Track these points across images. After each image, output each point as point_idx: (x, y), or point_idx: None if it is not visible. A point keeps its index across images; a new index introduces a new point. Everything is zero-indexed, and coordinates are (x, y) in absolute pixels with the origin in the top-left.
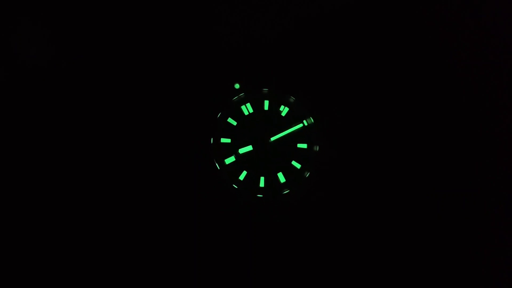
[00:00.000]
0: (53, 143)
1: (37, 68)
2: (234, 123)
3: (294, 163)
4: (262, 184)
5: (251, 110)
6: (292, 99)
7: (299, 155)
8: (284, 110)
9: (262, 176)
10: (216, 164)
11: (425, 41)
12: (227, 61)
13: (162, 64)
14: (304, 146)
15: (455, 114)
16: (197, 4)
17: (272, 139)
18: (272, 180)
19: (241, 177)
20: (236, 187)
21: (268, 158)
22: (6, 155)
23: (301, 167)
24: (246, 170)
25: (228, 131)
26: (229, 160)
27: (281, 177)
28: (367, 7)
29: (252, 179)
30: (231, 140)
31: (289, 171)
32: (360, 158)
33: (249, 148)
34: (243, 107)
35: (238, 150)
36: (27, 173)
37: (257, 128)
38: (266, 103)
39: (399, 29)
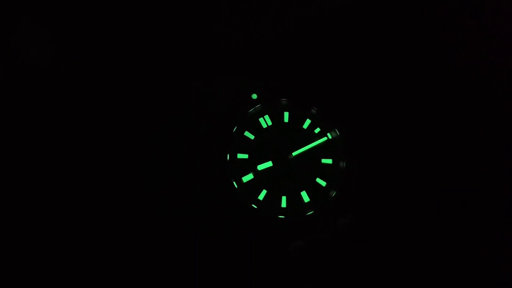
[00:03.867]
0: (53, 142)
1: (37, 68)
2: (252, 137)
3: (319, 180)
4: (284, 204)
5: (270, 123)
6: (314, 110)
7: (324, 172)
8: (306, 122)
9: (283, 195)
10: (234, 183)
11: (425, 41)
12: (240, 67)
13: (166, 66)
14: (329, 161)
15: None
16: (197, 4)
17: (294, 154)
18: (295, 199)
19: (261, 197)
20: (255, 207)
21: (290, 176)
22: (6, 155)
23: (326, 185)
24: (266, 189)
25: (245, 146)
26: (247, 177)
27: (305, 196)
28: (367, 7)
29: (272, 198)
30: (249, 156)
31: (313, 190)
32: (392, 173)
33: (268, 164)
34: (261, 120)
35: (256, 167)
36: (27, 172)
37: (277, 142)
38: (286, 114)
39: (399, 29)
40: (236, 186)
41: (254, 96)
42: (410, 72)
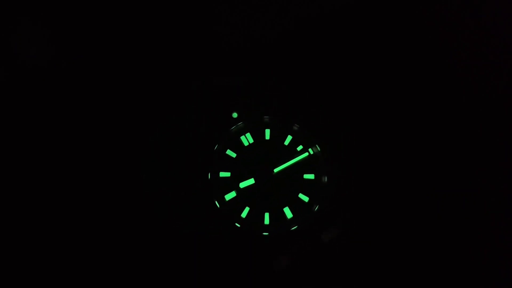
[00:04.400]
0: (53, 142)
1: (37, 68)
2: (234, 155)
3: (301, 196)
4: (267, 221)
5: (251, 140)
6: (296, 126)
7: (307, 187)
8: (287, 138)
9: (266, 212)
10: (216, 202)
11: (425, 41)
12: (238, 67)
13: (164, 67)
14: (311, 176)
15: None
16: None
17: (276, 170)
18: (278, 216)
19: (243, 214)
20: (239, 225)
21: (272, 192)
22: (6, 155)
23: (309, 200)
24: (248, 206)
25: (228, 164)
26: (230, 195)
27: (288, 212)
28: (367, 7)
29: (255, 215)
30: (231, 174)
31: (296, 205)
32: (374, 186)
33: (251, 181)
34: (242, 138)
35: (239, 185)
36: (27, 172)
37: (258, 159)
38: (268, 132)
39: (399, 30)
40: (218, 205)
41: (235, 115)
42: (407, 75)
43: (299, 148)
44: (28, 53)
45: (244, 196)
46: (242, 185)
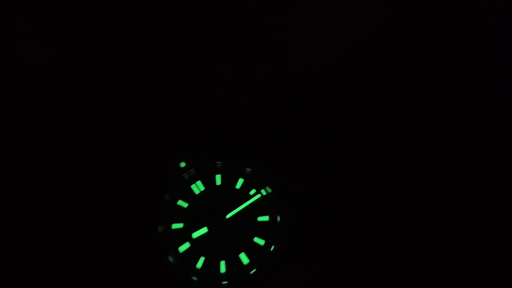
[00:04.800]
0: (52, 142)
1: (37, 68)
2: (185, 205)
3: (256, 239)
4: (223, 269)
5: (202, 188)
6: (248, 170)
7: (261, 230)
8: (239, 182)
9: (222, 259)
10: (169, 258)
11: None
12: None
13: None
14: (266, 218)
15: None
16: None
17: (228, 216)
18: (234, 262)
19: (199, 265)
20: (195, 279)
21: (226, 239)
22: (6, 155)
23: (265, 243)
24: (204, 256)
25: (180, 215)
26: (184, 247)
27: (244, 258)
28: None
29: (211, 264)
30: (184, 225)
31: (252, 249)
32: (332, 219)
33: (204, 230)
34: (193, 186)
35: (191, 235)
36: (27, 172)
37: (210, 206)
38: (218, 177)
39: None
40: (171, 260)
41: (183, 164)
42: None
43: (252, 191)
44: (28, 53)
45: (198, 246)
46: (195, 235)
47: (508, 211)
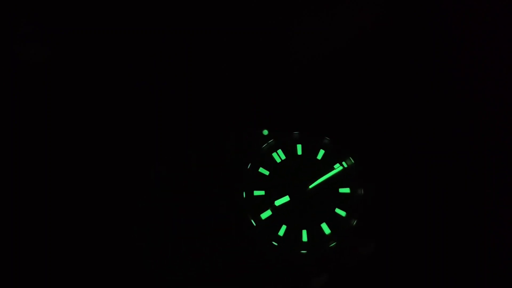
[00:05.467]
0: (52, 142)
1: (37, 68)
2: (267, 173)
3: (338, 210)
4: (305, 238)
5: (283, 157)
6: (326, 140)
7: (343, 201)
8: (319, 152)
9: (304, 229)
10: (252, 221)
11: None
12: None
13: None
14: (347, 190)
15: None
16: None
17: (311, 186)
18: (315, 232)
19: (281, 233)
20: (276, 244)
21: (308, 208)
22: (6, 155)
23: (346, 215)
24: (285, 224)
25: (261, 182)
26: (266, 214)
27: (326, 228)
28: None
29: (293, 233)
30: (265, 192)
31: (333, 220)
32: (412, 195)
33: (286, 199)
34: (274, 155)
35: (274, 203)
36: (27, 172)
37: (292, 176)
38: (299, 147)
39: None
40: (254, 224)
41: (265, 132)
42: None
43: (333, 162)
44: (28, 53)
45: (280, 214)
46: (278, 203)
47: (508, 211)
